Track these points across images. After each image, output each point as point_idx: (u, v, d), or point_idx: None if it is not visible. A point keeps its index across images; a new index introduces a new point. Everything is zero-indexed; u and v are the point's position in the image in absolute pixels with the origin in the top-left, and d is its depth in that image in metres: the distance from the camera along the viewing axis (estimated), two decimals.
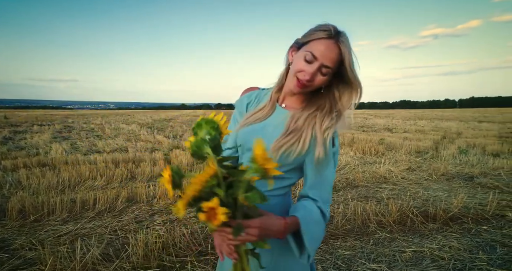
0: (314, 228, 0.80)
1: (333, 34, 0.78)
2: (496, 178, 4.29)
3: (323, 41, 0.79)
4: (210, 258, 2.21)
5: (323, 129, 0.82)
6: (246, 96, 1.00)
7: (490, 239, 2.52)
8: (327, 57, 0.78)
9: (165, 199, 3.39)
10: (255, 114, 0.93)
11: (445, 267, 2.11)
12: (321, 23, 0.83)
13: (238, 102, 1.01)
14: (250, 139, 0.89)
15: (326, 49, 0.78)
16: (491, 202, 3.14)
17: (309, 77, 0.80)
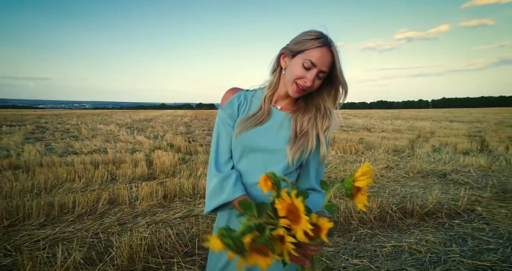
0: None
1: (327, 42, 0.86)
2: (467, 175, 4.55)
3: (319, 49, 0.86)
4: (196, 258, 2.20)
5: (324, 129, 0.93)
6: (236, 98, 1.00)
7: (462, 232, 2.68)
8: (324, 63, 0.86)
9: (148, 201, 3.34)
10: (253, 118, 0.95)
11: (422, 260, 2.22)
12: (310, 30, 0.90)
13: (227, 104, 0.98)
14: (255, 140, 0.93)
15: (323, 56, 0.86)
16: (462, 198, 3.34)
17: (310, 83, 0.87)
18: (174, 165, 5.02)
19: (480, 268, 2.12)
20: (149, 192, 3.47)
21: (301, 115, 0.95)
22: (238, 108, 0.99)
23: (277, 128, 0.95)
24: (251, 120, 0.95)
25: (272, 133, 0.94)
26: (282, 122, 0.96)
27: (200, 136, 9.97)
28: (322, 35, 0.87)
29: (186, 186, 3.67)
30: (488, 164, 5.12)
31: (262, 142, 0.93)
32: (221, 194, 0.91)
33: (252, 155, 0.95)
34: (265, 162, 0.93)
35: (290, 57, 0.91)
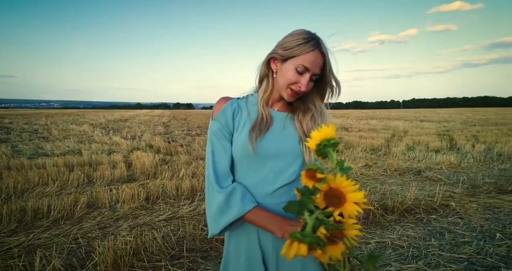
0: None
1: (318, 44, 0.85)
2: (439, 172, 4.80)
3: (312, 53, 0.84)
4: (184, 261, 2.16)
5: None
6: (229, 105, 0.94)
7: (439, 227, 2.81)
8: (317, 66, 0.86)
9: (130, 203, 3.23)
10: (259, 126, 0.91)
11: (405, 254, 2.31)
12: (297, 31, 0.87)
13: (220, 113, 0.93)
14: (264, 148, 0.89)
15: (315, 60, 0.85)
16: (438, 194, 3.51)
17: (305, 88, 0.87)
18: (154, 166, 4.89)
19: (458, 260, 2.24)
20: (130, 194, 3.36)
21: (302, 115, 0.95)
22: (233, 117, 0.93)
23: (282, 130, 0.93)
24: (258, 130, 0.90)
25: (279, 136, 0.92)
26: (284, 123, 0.95)
27: (179, 136, 9.78)
28: (312, 37, 0.85)
29: (169, 187, 3.59)
30: (457, 161, 5.42)
31: (272, 147, 0.90)
32: (231, 210, 0.84)
33: (263, 163, 0.90)
34: (278, 167, 0.90)
35: (281, 62, 0.88)
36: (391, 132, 10.04)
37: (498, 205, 3.38)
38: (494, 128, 11.67)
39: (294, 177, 0.91)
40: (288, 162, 0.90)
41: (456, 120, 17.82)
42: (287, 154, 0.90)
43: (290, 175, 0.90)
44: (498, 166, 5.20)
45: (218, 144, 0.92)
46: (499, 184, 4.13)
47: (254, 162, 0.90)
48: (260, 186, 0.90)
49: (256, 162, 0.90)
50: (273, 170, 0.90)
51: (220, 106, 0.94)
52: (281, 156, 0.90)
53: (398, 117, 21.67)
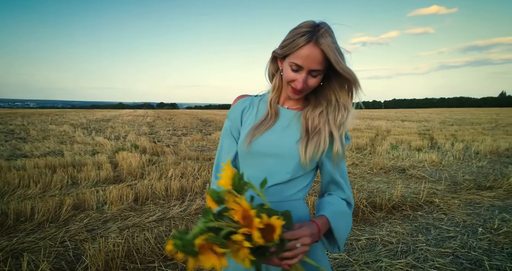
0: (342, 220, 0.84)
1: (312, 38, 0.78)
2: (422, 170, 4.96)
3: (304, 49, 0.78)
4: (178, 262, 2.13)
5: (338, 125, 0.85)
6: (240, 103, 0.97)
7: (425, 223, 2.91)
8: (312, 62, 0.79)
9: (118, 205, 3.15)
10: (262, 124, 0.91)
11: (394, 250, 2.38)
12: (298, 25, 0.82)
13: (231, 110, 0.97)
14: (261, 145, 0.88)
15: (308, 56, 0.78)
16: (422, 191, 3.63)
17: (301, 85, 0.82)
18: (141, 167, 4.79)
19: (444, 254, 2.33)
20: (118, 195, 3.28)
21: (311, 111, 0.88)
22: (242, 113, 0.95)
23: (284, 128, 0.89)
24: (259, 127, 0.90)
25: (280, 134, 0.89)
26: (290, 121, 0.90)
27: (165, 136, 9.63)
28: (307, 31, 0.78)
29: (158, 187, 3.53)
30: (439, 159, 5.62)
31: (268, 145, 0.88)
32: None
33: (258, 160, 0.90)
34: (272, 165, 0.88)
35: (282, 60, 0.87)
36: (375, 132, 10.28)
37: (478, 200, 3.54)
38: (470, 128, 12.18)
39: (286, 178, 0.87)
40: (283, 161, 0.87)
41: (435, 120, 18.47)
42: (283, 153, 0.87)
43: (282, 175, 0.87)
44: (476, 164, 5.43)
45: (224, 140, 0.95)
46: (477, 180, 4.32)
47: (251, 159, 0.90)
48: (254, 183, 0.90)
49: (253, 158, 0.90)
50: (267, 168, 0.88)
51: (233, 104, 0.97)
52: (276, 154, 0.87)
53: (381, 117, 22.23)
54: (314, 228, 0.75)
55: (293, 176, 0.87)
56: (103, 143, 7.63)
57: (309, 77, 0.82)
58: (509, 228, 2.76)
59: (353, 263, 2.19)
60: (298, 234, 0.69)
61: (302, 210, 0.90)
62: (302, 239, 0.68)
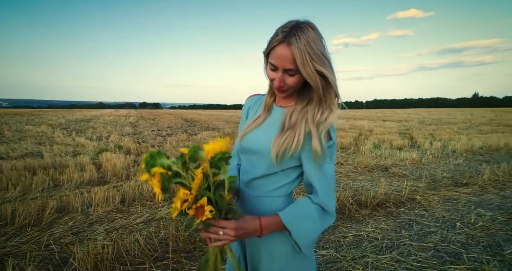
0: (303, 223, 0.84)
1: (282, 38, 0.80)
2: (404, 168, 5.14)
3: (276, 49, 0.81)
4: (168, 262, 2.12)
5: (316, 123, 0.83)
6: (248, 101, 1.07)
7: (408, 219, 3.03)
8: (284, 61, 0.81)
9: (104, 206, 3.09)
10: (254, 122, 0.96)
11: (380, 246, 2.47)
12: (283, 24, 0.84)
13: (242, 109, 1.09)
14: (248, 141, 0.94)
15: (280, 56, 0.81)
16: (404, 189, 3.77)
17: (278, 83, 0.84)
18: (126, 168, 4.71)
19: (426, 249, 2.43)
20: (104, 197, 3.22)
21: (294, 108, 0.90)
22: (248, 110, 1.06)
23: (270, 124, 0.92)
24: (251, 124, 0.96)
25: (266, 131, 0.92)
26: (276, 119, 0.92)
27: (149, 136, 9.47)
28: (284, 31, 0.80)
29: (145, 189, 3.48)
30: (419, 158, 5.84)
31: (253, 141, 0.93)
32: None
33: (246, 154, 0.96)
34: (255, 159, 0.93)
35: (266, 59, 0.89)
36: (358, 132, 10.53)
37: (456, 197, 3.71)
38: (447, 127, 12.69)
39: (260, 173, 0.90)
40: (260, 157, 0.90)
41: (414, 120, 19.10)
42: (262, 148, 0.89)
43: (260, 169, 0.90)
44: (453, 162, 5.68)
45: (240, 124, 1.07)
46: (455, 178, 4.52)
47: (242, 152, 0.98)
48: (242, 174, 0.98)
49: (243, 152, 0.98)
50: (251, 161, 0.94)
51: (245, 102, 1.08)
52: (257, 150, 0.91)
53: (363, 117, 22.76)
54: (252, 224, 0.82)
55: (266, 172, 0.89)
56: (85, 143, 7.43)
57: (286, 76, 0.84)
58: (484, 222, 2.92)
59: (341, 259, 2.26)
60: (223, 224, 0.78)
61: (278, 206, 0.91)
62: (225, 230, 0.78)
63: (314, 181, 0.86)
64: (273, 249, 0.91)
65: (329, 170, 0.86)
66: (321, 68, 0.80)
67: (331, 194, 0.86)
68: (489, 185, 4.17)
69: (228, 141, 0.76)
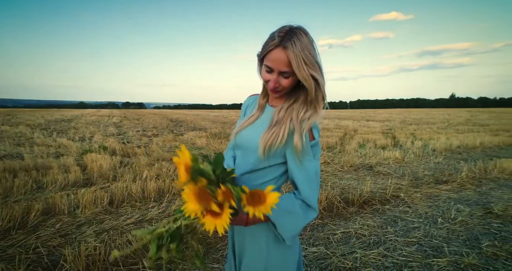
0: (286, 218, 0.90)
1: (279, 42, 0.85)
2: (388, 166, 5.31)
3: (272, 52, 0.87)
4: (161, 262, 2.13)
5: (299, 120, 0.88)
6: (247, 101, 1.15)
7: (393, 215, 3.15)
8: (280, 64, 0.87)
9: (92, 208, 3.04)
10: (248, 120, 1.03)
11: (367, 242, 2.56)
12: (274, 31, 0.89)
13: (242, 106, 1.17)
14: (245, 136, 1.01)
15: (276, 59, 0.86)
16: (389, 186, 3.91)
17: (273, 85, 0.90)
18: (113, 169, 4.63)
19: (410, 243, 2.55)
20: (91, 198, 3.16)
21: (281, 106, 0.96)
22: (246, 108, 1.14)
23: (261, 124, 0.98)
24: (244, 123, 1.03)
25: (257, 128, 0.98)
26: (267, 117, 0.99)
27: (135, 137, 9.31)
28: (279, 35, 0.86)
29: (134, 190, 3.45)
30: (401, 157, 6.04)
31: (245, 137, 1.00)
32: None
33: (239, 149, 1.04)
34: (245, 155, 1.00)
35: (261, 62, 0.94)
36: (343, 131, 10.75)
37: (437, 194, 3.88)
38: (427, 127, 13.16)
39: (248, 168, 0.97)
40: (251, 152, 0.96)
41: (396, 119, 19.66)
42: (252, 144, 0.95)
43: (249, 164, 0.97)
44: (434, 160, 5.92)
45: (238, 121, 1.13)
46: (435, 175, 4.72)
47: (236, 147, 1.06)
48: (236, 167, 1.03)
49: (237, 147, 1.05)
50: (242, 156, 1.01)
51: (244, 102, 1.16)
52: (248, 145, 0.98)
53: (348, 117, 23.20)
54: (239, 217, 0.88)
55: (255, 167, 0.96)
56: (67, 144, 7.22)
57: (281, 78, 0.89)
58: (463, 217, 3.08)
59: (331, 255, 2.33)
60: None
61: None
62: None
63: (296, 177, 0.91)
64: (257, 237, 0.98)
65: (311, 167, 0.91)
66: (313, 72, 0.86)
67: (313, 189, 0.91)
68: (467, 182, 4.38)
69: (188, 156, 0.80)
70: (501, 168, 5.03)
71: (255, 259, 0.98)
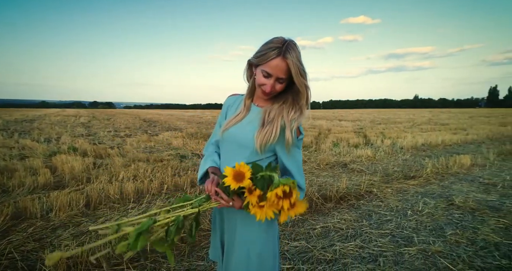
0: None
1: (281, 53, 0.98)
2: (361, 164, 5.57)
3: (274, 61, 0.99)
4: (146, 263, 2.11)
5: (290, 119, 1.03)
6: (227, 100, 1.25)
7: (367, 210, 3.33)
8: (279, 71, 1.01)
9: (66, 211, 2.92)
10: (234, 119, 1.13)
11: (345, 235, 2.69)
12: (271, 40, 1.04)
13: (223, 106, 1.25)
14: (231, 134, 1.11)
15: (276, 66, 1.00)
16: (363, 183, 4.11)
17: (269, 89, 1.04)
18: (86, 170, 4.45)
19: (384, 235, 2.71)
20: (66, 201, 3.03)
21: (270, 106, 1.10)
22: (227, 109, 1.23)
23: (249, 121, 1.10)
24: (232, 121, 1.13)
25: (245, 126, 1.09)
26: (255, 116, 1.11)
27: (106, 137, 8.96)
28: (277, 46, 0.99)
29: (112, 191, 3.35)
30: (373, 154, 6.35)
31: (233, 135, 1.10)
32: (201, 167, 1.18)
33: (226, 146, 1.13)
34: (233, 151, 1.10)
35: (255, 67, 1.08)
36: (318, 131, 11.06)
37: (405, 188, 4.14)
38: (394, 126, 13.87)
39: (246, 161, 1.04)
40: (240, 148, 1.08)
41: (366, 119, 20.51)
42: (241, 141, 1.08)
43: (241, 158, 1.07)
44: (401, 157, 6.28)
45: (216, 128, 1.25)
46: (404, 171, 5.02)
47: (223, 144, 1.15)
48: (222, 163, 1.15)
49: (225, 144, 1.14)
50: (230, 153, 1.12)
51: (225, 102, 1.25)
52: (237, 142, 1.09)
53: (321, 117, 23.83)
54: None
55: (247, 160, 1.06)
56: (32, 146, 6.82)
57: (276, 83, 1.04)
58: (429, 209, 3.32)
59: (312, 249, 2.43)
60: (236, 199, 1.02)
61: None
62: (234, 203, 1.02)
63: (288, 165, 1.08)
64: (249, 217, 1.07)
65: (299, 157, 1.10)
66: (305, 81, 1.04)
67: (302, 174, 1.10)
68: (431, 177, 4.71)
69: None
70: (460, 164, 5.46)
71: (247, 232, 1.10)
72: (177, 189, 3.77)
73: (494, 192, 3.96)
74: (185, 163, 5.26)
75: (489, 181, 4.48)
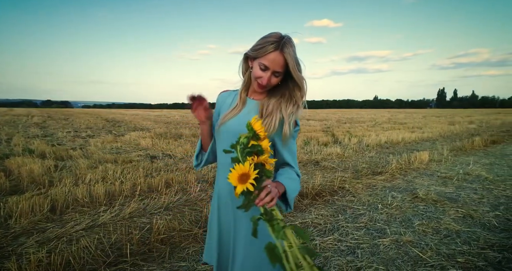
0: (293, 184, 1.09)
1: (278, 47, 1.01)
2: (332, 161, 5.77)
3: (271, 54, 1.02)
4: (123, 266, 2.00)
5: (288, 113, 1.08)
6: (221, 96, 1.26)
7: (341, 205, 3.46)
8: (276, 65, 1.03)
9: (29, 217, 2.68)
10: (231, 112, 1.14)
11: (323, 230, 2.77)
12: (269, 34, 1.06)
13: (216, 102, 1.26)
14: (229, 126, 1.12)
15: (274, 60, 1.02)
16: (336, 179, 4.26)
17: (265, 82, 1.06)
18: (47, 173, 4.12)
19: (359, 228, 2.84)
20: (27, 206, 2.79)
21: (268, 100, 1.12)
22: (221, 103, 1.24)
23: (245, 115, 1.12)
24: (229, 114, 1.14)
25: (242, 119, 1.10)
26: (252, 109, 1.13)
27: (66, 138, 8.36)
28: (275, 41, 1.01)
29: (80, 194, 3.13)
30: (342, 152, 6.61)
31: (231, 127, 1.12)
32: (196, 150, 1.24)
33: (223, 138, 1.14)
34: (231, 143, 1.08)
35: (252, 60, 1.09)
36: None
37: (374, 183, 4.36)
38: (358, 125, 14.56)
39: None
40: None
41: (332, 119, 21.27)
42: (241, 132, 1.06)
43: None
44: (368, 154, 6.61)
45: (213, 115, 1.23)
46: (371, 168, 5.29)
47: (220, 137, 1.15)
48: (219, 154, 1.17)
49: (222, 136, 1.14)
50: (227, 145, 1.09)
51: (217, 98, 1.26)
52: (235, 135, 1.07)
53: None
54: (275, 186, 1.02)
55: None
56: None
57: (272, 77, 1.06)
58: (397, 202, 3.53)
59: None
60: (267, 183, 0.93)
61: None
62: (272, 188, 0.94)
63: (286, 155, 1.13)
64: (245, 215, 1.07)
65: (294, 148, 1.17)
66: (300, 73, 1.07)
67: (296, 162, 1.17)
68: (396, 172, 5.01)
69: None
70: (420, 159, 5.87)
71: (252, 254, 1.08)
72: (150, 190, 3.63)
73: (450, 185, 4.31)
74: (157, 164, 5.08)
75: (445, 175, 4.87)
